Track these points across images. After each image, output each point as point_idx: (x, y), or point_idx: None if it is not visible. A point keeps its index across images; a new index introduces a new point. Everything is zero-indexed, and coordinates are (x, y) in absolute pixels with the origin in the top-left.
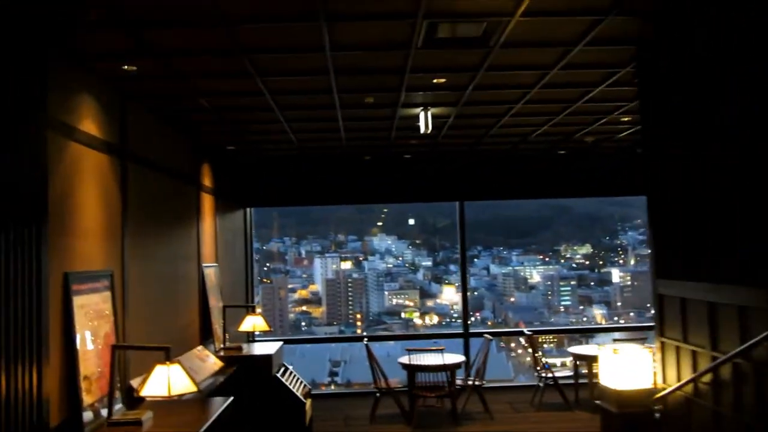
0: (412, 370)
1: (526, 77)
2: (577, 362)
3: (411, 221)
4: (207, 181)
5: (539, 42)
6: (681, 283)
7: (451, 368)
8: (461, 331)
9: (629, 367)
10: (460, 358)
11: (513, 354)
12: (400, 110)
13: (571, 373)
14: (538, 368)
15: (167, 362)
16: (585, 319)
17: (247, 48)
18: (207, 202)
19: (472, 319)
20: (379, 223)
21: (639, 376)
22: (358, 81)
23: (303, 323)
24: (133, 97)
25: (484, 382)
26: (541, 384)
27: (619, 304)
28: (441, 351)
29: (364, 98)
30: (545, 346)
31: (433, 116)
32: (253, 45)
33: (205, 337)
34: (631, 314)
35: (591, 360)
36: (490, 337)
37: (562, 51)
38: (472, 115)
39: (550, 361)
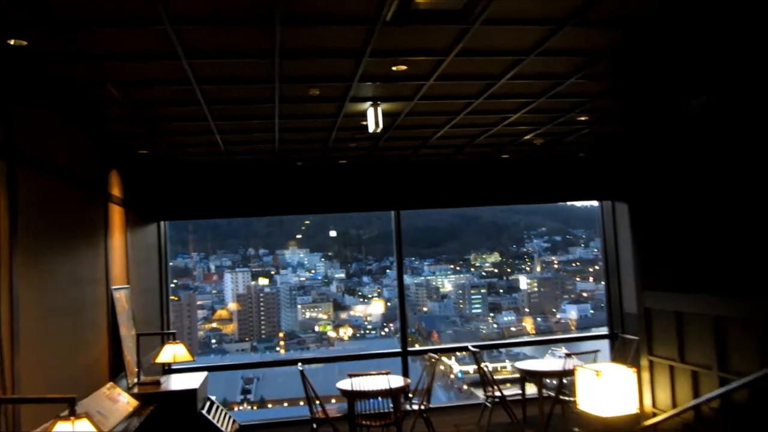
0: (353, 396)
1: (497, 65)
2: (525, 378)
3: (332, 233)
4: (116, 191)
5: (527, 19)
6: (676, 296)
7: (396, 393)
8: (399, 350)
9: (613, 390)
10: (403, 380)
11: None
12: (347, 105)
13: (519, 391)
14: (487, 387)
15: (72, 417)
16: (495, 325)
17: (175, 18)
18: (116, 214)
19: (386, 329)
20: (299, 236)
21: (624, 400)
22: (307, 67)
23: (213, 340)
24: (23, 84)
25: (429, 405)
26: (488, 403)
27: (527, 309)
28: (386, 374)
29: (309, 90)
30: (458, 354)
31: (383, 113)
32: (184, 14)
33: (116, 372)
34: (538, 319)
35: (540, 376)
36: (437, 356)
37: (547, 31)
38: (425, 113)
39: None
